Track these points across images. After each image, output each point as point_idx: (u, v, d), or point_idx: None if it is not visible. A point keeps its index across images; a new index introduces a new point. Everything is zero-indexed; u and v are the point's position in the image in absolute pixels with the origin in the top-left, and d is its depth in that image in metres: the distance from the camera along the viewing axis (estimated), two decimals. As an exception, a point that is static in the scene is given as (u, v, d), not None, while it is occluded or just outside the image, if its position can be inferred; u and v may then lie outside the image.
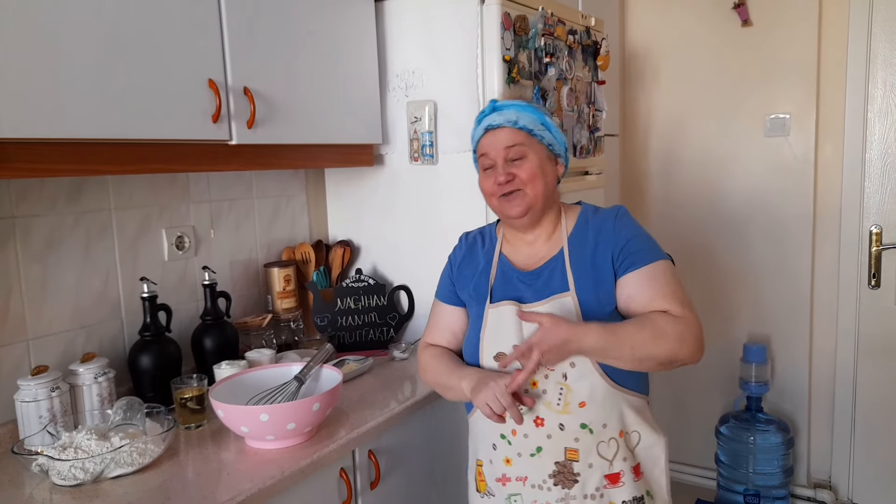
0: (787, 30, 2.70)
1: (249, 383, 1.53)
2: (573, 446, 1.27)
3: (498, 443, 1.33)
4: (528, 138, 1.32)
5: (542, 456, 1.28)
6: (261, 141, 1.60)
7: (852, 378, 2.76)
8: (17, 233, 1.49)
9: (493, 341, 1.33)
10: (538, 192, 1.32)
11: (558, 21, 2.04)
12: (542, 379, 1.27)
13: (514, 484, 1.32)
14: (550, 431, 1.27)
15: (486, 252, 1.44)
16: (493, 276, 1.39)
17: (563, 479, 1.28)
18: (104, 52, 1.27)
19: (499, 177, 1.31)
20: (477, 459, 1.41)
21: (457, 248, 1.50)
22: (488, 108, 1.35)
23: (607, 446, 1.29)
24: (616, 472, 1.29)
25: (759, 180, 2.84)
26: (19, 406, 1.40)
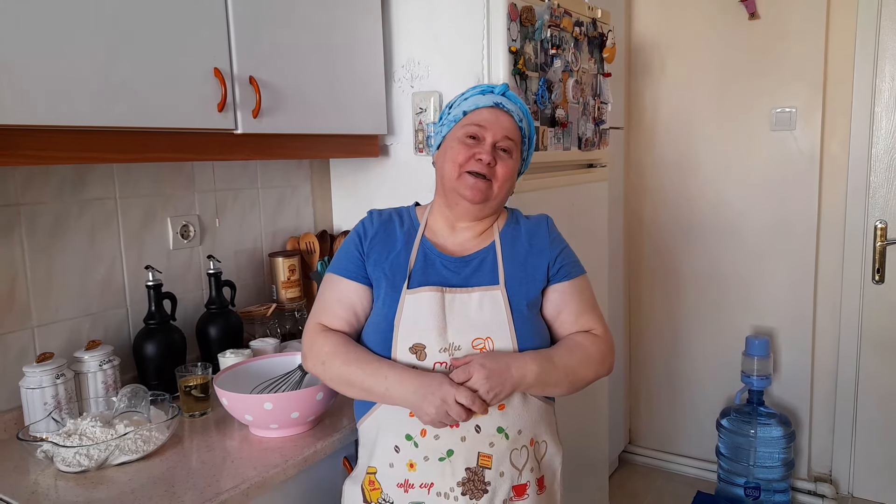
0: (794, 23, 2.68)
1: (253, 372, 1.54)
2: (487, 451, 1.19)
3: (402, 445, 1.21)
4: (519, 141, 1.31)
5: (452, 461, 1.18)
6: (266, 130, 1.60)
7: (854, 372, 2.76)
8: (23, 220, 1.49)
9: (410, 331, 1.21)
10: (501, 194, 1.29)
11: (565, 12, 2.03)
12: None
13: (418, 491, 1.20)
14: (465, 433, 1.18)
15: (405, 232, 1.33)
16: (413, 259, 1.28)
17: (473, 487, 1.19)
18: (110, 40, 1.27)
19: (484, 154, 1.24)
20: (369, 467, 1.26)
21: (366, 221, 1.36)
22: (499, 89, 1.31)
23: (519, 454, 1.22)
24: (523, 484, 1.22)
25: (765, 174, 2.83)
26: (24, 393, 1.41)
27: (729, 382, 3.01)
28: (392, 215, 1.37)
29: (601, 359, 1.27)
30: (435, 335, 1.20)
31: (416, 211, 1.40)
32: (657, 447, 3.28)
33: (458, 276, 1.27)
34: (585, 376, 1.25)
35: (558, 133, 2.07)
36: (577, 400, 1.91)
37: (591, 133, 2.30)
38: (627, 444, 3.35)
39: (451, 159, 1.27)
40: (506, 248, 1.30)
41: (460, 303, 1.23)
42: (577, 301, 1.30)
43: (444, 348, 1.20)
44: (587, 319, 1.30)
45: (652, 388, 3.26)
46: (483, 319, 1.22)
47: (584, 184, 2.30)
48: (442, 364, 1.20)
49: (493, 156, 1.25)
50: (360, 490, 1.28)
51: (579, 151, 2.23)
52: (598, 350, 1.27)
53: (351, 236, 1.35)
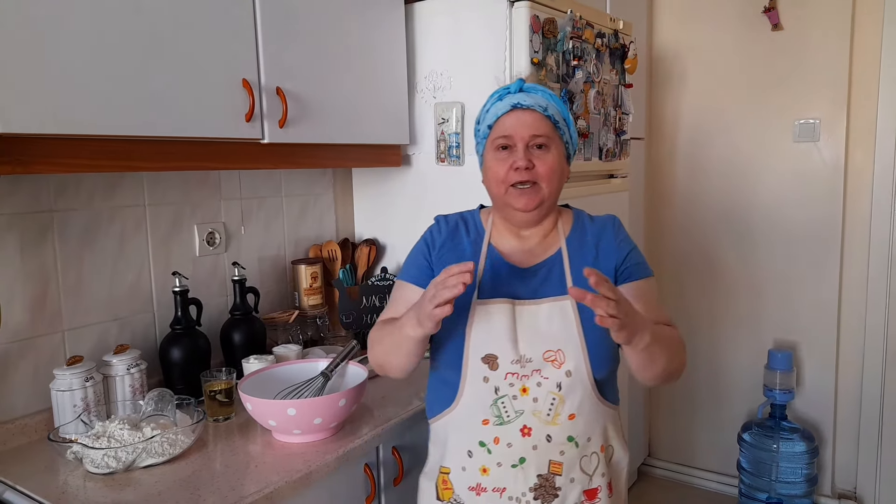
0: (818, 33, 2.66)
1: (277, 378, 1.56)
2: (558, 459, 1.21)
3: (475, 450, 1.23)
4: (553, 130, 1.24)
5: (524, 467, 1.20)
6: (292, 140, 1.63)
7: (880, 387, 2.72)
8: (56, 226, 1.53)
9: (482, 341, 1.22)
10: (553, 189, 1.24)
11: (587, 24, 2.04)
12: (535, 387, 1.20)
13: (490, 495, 1.22)
14: (537, 442, 1.20)
15: (472, 241, 1.31)
16: (481, 269, 1.27)
17: (544, 493, 1.21)
18: (141, 52, 1.30)
19: (519, 160, 1.20)
20: (441, 466, 1.30)
21: (434, 229, 1.36)
22: (514, 87, 1.25)
23: (589, 461, 1.24)
24: (594, 488, 1.24)
25: (788, 186, 2.81)
26: (55, 395, 1.44)
27: (751, 396, 2.98)
28: (458, 222, 1.36)
29: (683, 348, 1.25)
30: (507, 347, 1.20)
31: (480, 216, 1.37)
32: (677, 460, 3.25)
33: (527, 288, 1.25)
34: (678, 360, 1.23)
35: (579, 144, 2.08)
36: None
37: (612, 143, 2.30)
38: (647, 456, 3.32)
39: (493, 178, 1.26)
40: (573, 256, 1.27)
41: (529, 315, 1.22)
42: (644, 302, 1.24)
43: (515, 360, 1.20)
44: (659, 317, 1.25)
45: (672, 401, 3.23)
46: (553, 331, 1.21)
47: (604, 194, 2.30)
48: (514, 374, 1.20)
49: (529, 157, 1.21)
50: (434, 487, 1.31)
51: (600, 162, 2.23)
52: (681, 339, 1.25)
53: (419, 245, 1.36)
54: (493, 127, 1.26)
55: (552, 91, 1.30)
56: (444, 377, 1.28)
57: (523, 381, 1.20)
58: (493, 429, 1.21)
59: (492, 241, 1.31)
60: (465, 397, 1.24)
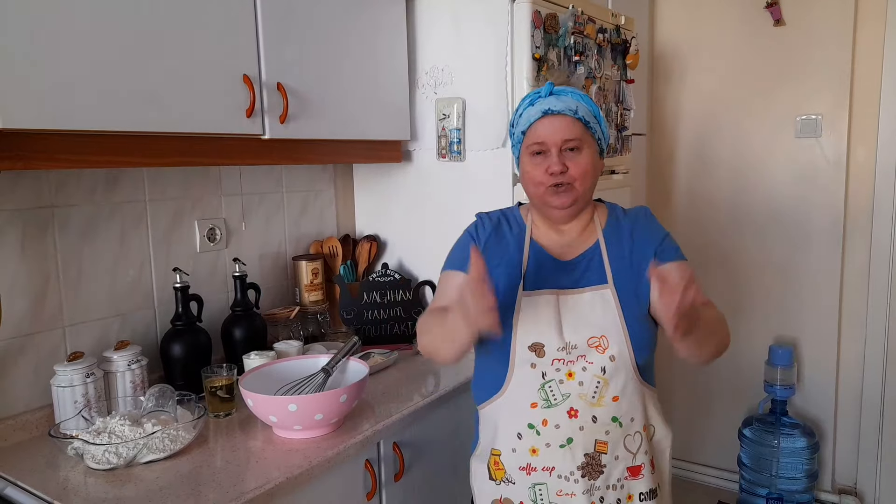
0: (820, 29, 2.65)
1: (278, 374, 1.56)
2: (603, 439, 1.27)
3: (524, 432, 1.30)
4: (584, 131, 1.28)
5: (572, 447, 1.27)
6: (292, 136, 1.62)
7: (881, 383, 2.72)
8: (56, 222, 1.53)
9: (528, 331, 1.28)
10: (586, 188, 1.30)
11: (588, 19, 2.04)
12: (580, 371, 1.26)
13: (540, 474, 1.30)
14: (583, 423, 1.27)
15: (515, 236, 1.38)
16: (525, 263, 1.34)
17: (591, 470, 1.28)
18: (142, 47, 1.30)
19: (553, 166, 1.26)
20: (493, 449, 1.36)
21: (478, 225, 1.42)
22: (545, 91, 1.30)
23: (633, 440, 1.30)
24: (638, 465, 1.31)
25: (789, 182, 2.80)
26: (55, 391, 1.44)
27: (751, 392, 2.98)
28: (500, 219, 1.42)
29: (725, 322, 1.30)
30: (553, 335, 1.27)
31: (520, 212, 1.43)
32: (678, 456, 3.25)
33: (569, 278, 1.31)
34: (725, 335, 1.28)
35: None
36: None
37: (614, 139, 2.29)
38: (647, 452, 3.31)
39: (530, 181, 1.31)
40: (611, 247, 1.33)
41: (573, 302, 1.29)
42: None
43: (561, 347, 1.27)
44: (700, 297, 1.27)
45: (673, 397, 3.24)
46: (595, 318, 1.27)
47: (606, 190, 2.29)
48: (560, 360, 1.26)
49: (562, 161, 1.27)
50: (487, 468, 1.37)
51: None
52: (722, 314, 1.30)
53: (464, 239, 1.42)
54: (526, 133, 1.31)
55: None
56: (492, 366, 1.34)
57: (569, 367, 1.27)
58: (542, 411, 1.28)
59: (533, 235, 1.38)
60: (513, 383, 1.30)
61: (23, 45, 1.13)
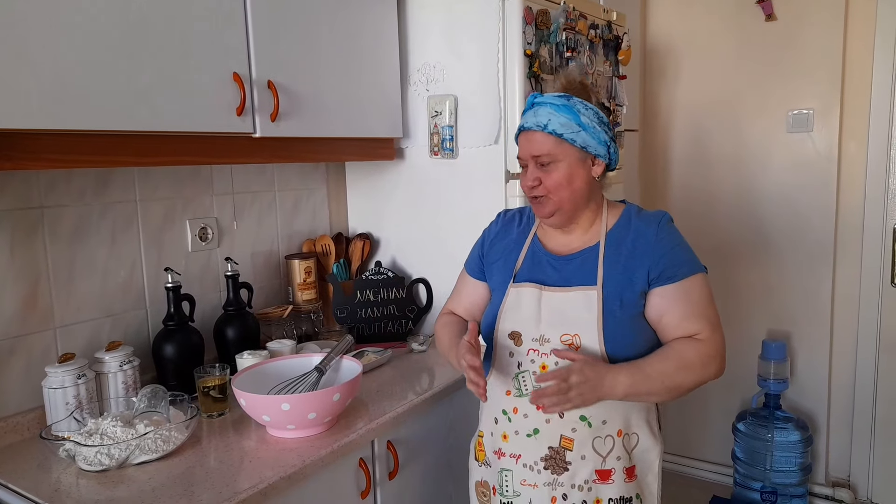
0: (811, 23, 2.66)
1: (271, 373, 1.55)
2: (569, 435, 1.29)
3: (499, 417, 1.37)
4: (557, 144, 1.28)
5: (537, 438, 1.31)
6: (284, 134, 1.62)
7: (873, 376, 2.73)
8: (46, 223, 1.52)
9: (510, 319, 1.35)
10: (563, 199, 1.31)
11: (580, 15, 2.03)
12: (552, 366, 1.28)
13: (508, 460, 1.36)
14: (550, 417, 1.29)
15: (521, 230, 1.46)
16: (522, 256, 1.40)
17: (554, 464, 1.30)
18: (131, 46, 1.29)
19: (526, 180, 1.33)
20: (479, 430, 1.45)
21: (493, 223, 1.52)
22: (528, 104, 1.34)
23: (603, 443, 1.30)
24: (608, 469, 1.30)
25: (781, 176, 2.81)
26: (47, 392, 1.43)
27: (745, 386, 2.99)
28: (516, 215, 1.50)
29: (702, 363, 1.27)
30: (530, 325, 1.32)
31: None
32: (672, 451, 3.26)
33: (560, 274, 1.35)
34: (683, 383, 1.27)
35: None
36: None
37: (607, 135, 2.29)
38: (642, 447, 3.32)
39: (522, 189, 1.39)
40: (609, 250, 1.33)
41: (557, 300, 1.31)
42: (682, 305, 1.28)
43: (535, 338, 1.31)
44: (691, 324, 1.28)
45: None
46: (573, 317, 1.29)
47: (599, 186, 2.30)
48: (534, 351, 1.31)
49: (537, 175, 1.31)
50: (473, 448, 1.48)
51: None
52: (699, 355, 1.27)
53: (479, 238, 1.53)
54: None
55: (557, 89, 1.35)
56: (487, 349, 1.42)
57: (543, 359, 1.30)
58: (514, 399, 1.33)
59: (537, 232, 1.44)
60: (495, 369, 1.37)
61: (9, 43, 1.11)
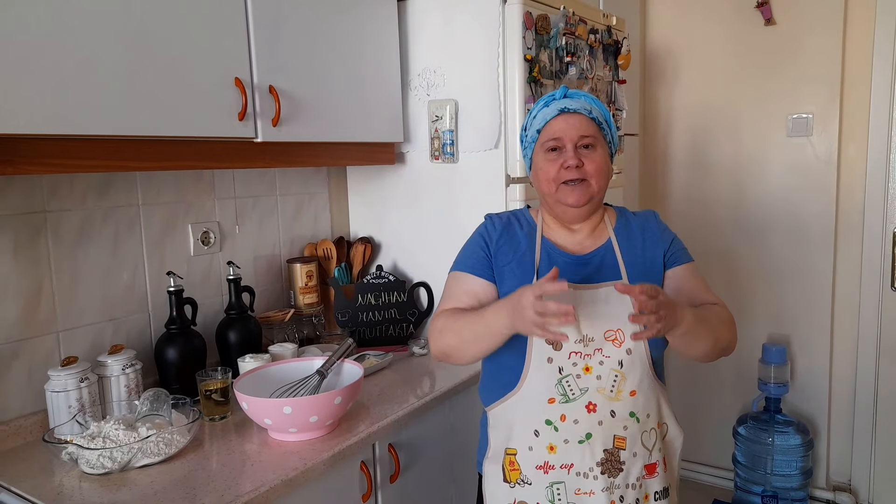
0: (810, 28, 2.67)
1: (272, 376, 1.56)
2: (622, 434, 1.27)
3: (542, 429, 1.28)
4: (598, 131, 1.32)
5: (591, 443, 1.26)
6: (285, 139, 1.62)
7: (874, 380, 2.74)
8: (49, 227, 1.52)
9: None
10: (601, 186, 1.31)
11: (580, 20, 2.04)
12: (597, 365, 1.25)
13: (558, 472, 1.27)
14: (602, 418, 1.26)
15: (526, 234, 1.38)
16: (538, 257, 1.34)
17: (611, 466, 1.27)
18: (133, 51, 1.30)
19: (569, 159, 1.27)
20: (507, 448, 1.33)
21: (487, 225, 1.42)
22: (559, 93, 1.33)
23: (649, 436, 1.30)
24: (653, 463, 1.31)
25: (781, 180, 2.82)
26: (49, 396, 1.44)
27: (745, 389, 2.99)
28: (510, 218, 1.42)
29: (731, 323, 1.33)
30: (570, 327, 1.23)
31: (529, 213, 1.44)
32: (673, 454, 3.26)
33: (582, 274, 1.32)
34: (723, 336, 1.30)
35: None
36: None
37: (607, 140, 2.30)
38: (643, 451, 3.32)
39: (544, 178, 1.32)
40: (623, 244, 1.35)
41: (588, 297, 1.27)
42: (694, 282, 1.37)
43: (578, 340, 1.25)
44: (706, 296, 1.36)
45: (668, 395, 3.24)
46: (610, 312, 1.26)
47: (599, 190, 2.31)
48: (577, 353, 1.25)
49: (578, 156, 1.28)
50: (501, 469, 1.34)
51: (594, 158, 2.23)
52: (728, 315, 1.33)
53: (474, 239, 1.41)
54: (541, 131, 1.33)
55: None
56: (505, 363, 1.32)
57: (586, 361, 1.25)
58: (560, 407, 1.26)
59: (544, 234, 1.38)
60: (529, 379, 1.28)
61: (13, 49, 1.12)
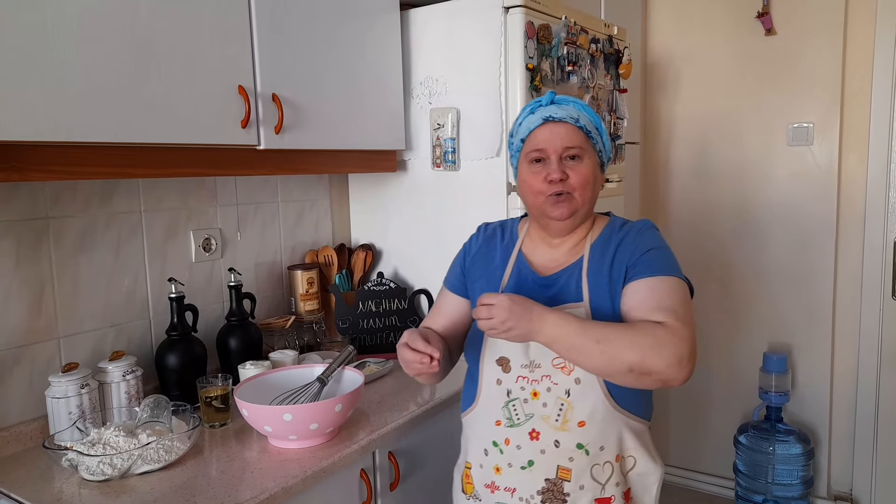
0: (811, 38, 2.68)
1: (273, 383, 1.56)
2: (567, 465, 1.21)
3: (490, 449, 1.28)
4: (585, 140, 1.25)
5: (532, 470, 1.22)
6: (288, 146, 1.63)
7: (875, 389, 2.73)
8: (51, 233, 1.53)
9: (496, 344, 1.26)
10: (586, 199, 1.25)
11: (581, 30, 2.05)
12: (545, 392, 1.21)
13: (502, 493, 1.26)
14: (545, 447, 1.21)
15: (504, 247, 1.36)
16: (507, 276, 1.31)
17: (552, 496, 1.22)
18: (137, 59, 1.31)
19: (553, 173, 1.22)
20: (466, 461, 1.35)
21: (473, 237, 1.43)
22: (545, 99, 1.27)
23: (601, 470, 1.22)
24: (607, 497, 1.23)
25: (782, 189, 2.83)
26: (50, 402, 1.44)
27: (746, 399, 2.99)
28: (497, 230, 1.41)
29: (653, 344, 1.08)
30: (518, 350, 1.23)
31: (519, 224, 1.40)
32: (674, 464, 3.25)
33: (545, 296, 1.24)
34: (623, 356, 1.08)
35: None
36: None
37: (608, 148, 2.31)
38: (644, 459, 3.32)
39: (528, 190, 1.27)
40: (593, 262, 1.26)
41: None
42: (650, 299, 1.16)
43: (524, 364, 1.23)
44: (659, 315, 1.14)
45: (668, 404, 3.24)
46: None
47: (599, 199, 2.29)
48: (524, 378, 1.23)
49: (562, 169, 1.23)
50: (461, 480, 1.38)
51: (595, 166, 2.23)
52: (654, 335, 1.09)
53: (460, 252, 1.44)
54: (526, 140, 1.28)
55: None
56: (472, 374, 1.34)
57: (533, 386, 1.22)
58: (505, 430, 1.25)
59: (523, 248, 1.35)
60: (482, 398, 1.29)
61: (18, 57, 1.13)
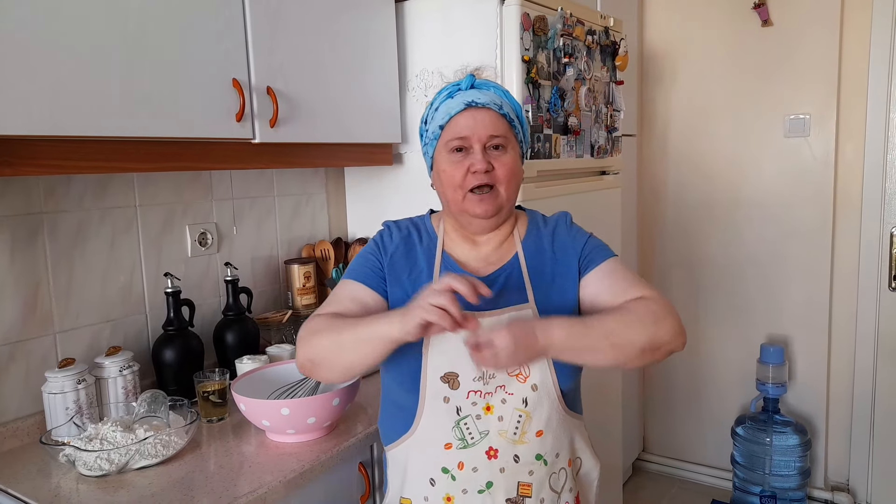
0: (807, 29, 2.68)
1: (270, 378, 1.56)
2: (527, 480, 1.13)
3: (438, 477, 1.14)
4: (508, 129, 1.16)
5: (492, 492, 1.12)
6: (283, 140, 1.62)
7: (871, 380, 2.74)
8: (46, 228, 1.52)
9: (440, 359, 1.12)
10: (510, 193, 1.16)
11: (577, 21, 2.05)
12: (499, 404, 1.11)
13: None
14: (504, 464, 1.12)
15: (425, 249, 1.22)
16: (435, 278, 1.18)
17: None
18: (131, 53, 1.30)
19: (477, 163, 1.12)
20: (402, 497, 1.20)
21: (384, 234, 1.26)
22: (465, 83, 1.16)
23: (558, 477, 1.17)
24: None
25: (779, 181, 2.83)
26: (47, 398, 1.43)
27: (744, 390, 3.00)
28: (410, 229, 1.27)
29: (653, 318, 1.06)
30: (468, 362, 1.08)
31: (431, 221, 1.28)
32: (671, 455, 3.26)
33: (483, 298, 1.04)
34: (633, 339, 1.04)
35: (571, 141, 2.08)
36: (590, 407, 1.91)
37: (604, 140, 2.31)
38: (641, 451, 3.33)
39: (448, 183, 1.16)
40: (530, 260, 1.20)
41: (490, 325, 1.09)
42: (612, 282, 1.16)
43: (478, 377, 1.12)
44: (633, 292, 1.13)
45: (666, 396, 3.25)
46: None
47: (596, 191, 2.31)
48: (476, 392, 1.11)
49: (487, 159, 1.13)
50: None
51: (592, 159, 2.23)
52: (648, 310, 1.07)
53: (369, 248, 1.26)
54: (444, 127, 1.17)
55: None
56: (399, 401, 1.18)
57: (487, 399, 1.12)
58: (457, 453, 1.12)
59: (445, 248, 1.23)
60: (424, 421, 1.14)
61: (10, 51, 1.12)
